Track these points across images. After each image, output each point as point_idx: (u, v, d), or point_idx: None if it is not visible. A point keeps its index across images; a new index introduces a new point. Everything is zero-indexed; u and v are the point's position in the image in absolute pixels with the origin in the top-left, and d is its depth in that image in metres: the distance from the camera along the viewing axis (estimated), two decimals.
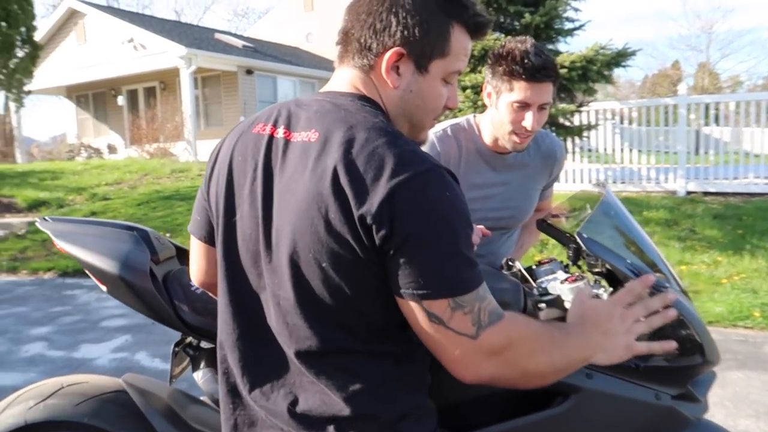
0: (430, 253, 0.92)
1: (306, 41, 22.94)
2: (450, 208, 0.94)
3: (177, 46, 14.99)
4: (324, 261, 0.95)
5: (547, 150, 1.92)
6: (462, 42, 1.07)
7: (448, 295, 0.93)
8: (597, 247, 1.39)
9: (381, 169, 0.92)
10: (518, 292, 1.49)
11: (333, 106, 1.03)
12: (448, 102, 1.12)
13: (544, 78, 1.65)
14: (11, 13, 10.37)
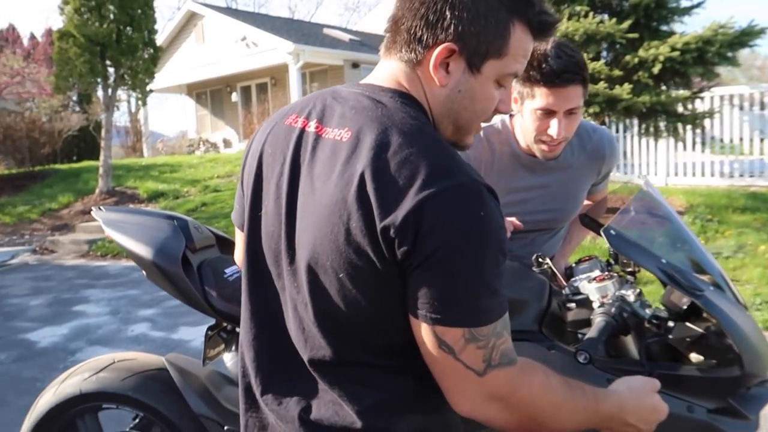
0: (452, 275, 0.85)
1: None
2: (482, 229, 0.85)
3: (285, 43, 15.59)
4: (341, 272, 0.90)
5: (594, 149, 1.79)
6: (523, 42, 0.97)
7: (464, 324, 0.86)
8: (624, 244, 1.29)
9: (412, 179, 0.85)
10: (542, 290, 1.43)
11: (371, 102, 0.96)
12: (499, 106, 1.02)
13: (566, 82, 1.52)
14: (135, 18, 11.23)
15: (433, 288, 0.86)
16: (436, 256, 0.84)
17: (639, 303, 1.29)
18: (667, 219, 1.46)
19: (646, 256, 1.31)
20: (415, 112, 0.95)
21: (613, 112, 6.02)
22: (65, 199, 11.88)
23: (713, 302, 1.26)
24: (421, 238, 0.84)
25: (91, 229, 10.17)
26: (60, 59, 11.15)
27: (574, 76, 1.52)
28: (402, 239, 0.85)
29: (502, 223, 0.90)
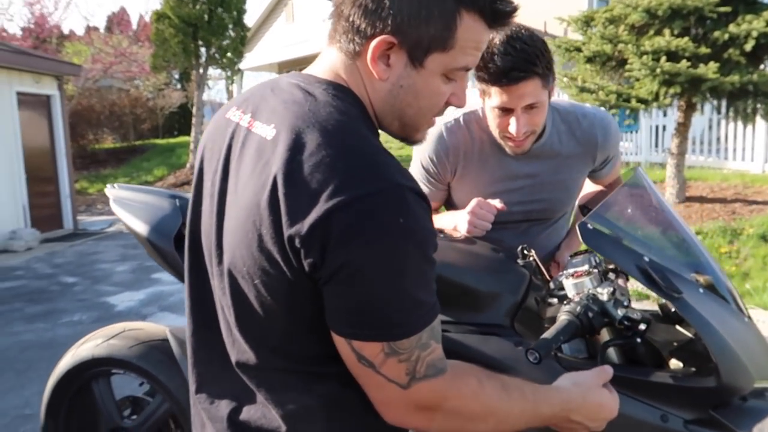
0: (366, 288, 0.79)
1: None
2: (400, 238, 0.79)
3: None
4: (256, 278, 0.86)
5: (584, 135, 1.67)
6: (473, 33, 0.89)
7: (382, 339, 0.81)
8: (600, 241, 1.21)
9: (324, 184, 0.79)
10: (519, 283, 1.37)
11: (303, 95, 0.90)
12: (451, 99, 0.95)
13: (515, 80, 1.42)
14: None
15: (346, 302, 0.82)
16: (345, 271, 0.79)
17: (612, 302, 1.21)
18: (659, 212, 1.36)
19: (625, 254, 1.22)
20: (347, 107, 0.89)
21: (696, 92, 5.58)
22: (159, 173, 12.66)
23: (691, 306, 1.16)
24: (329, 251, 0.79)
25: None
26: (157, 39, 11.81)
27: (523, 73, 1.42)
28: (308, 250, 0.80)
29: (429, 230, 0.84)
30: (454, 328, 1.33)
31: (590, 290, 1.24)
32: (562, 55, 6.48)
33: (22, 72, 8.42)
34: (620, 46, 5.96)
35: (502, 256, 1.44)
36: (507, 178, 1.67)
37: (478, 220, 1.50)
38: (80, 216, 10.51)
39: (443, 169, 1.68)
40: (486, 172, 1.67)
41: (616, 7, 6.09)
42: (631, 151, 9.50)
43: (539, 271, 1.46)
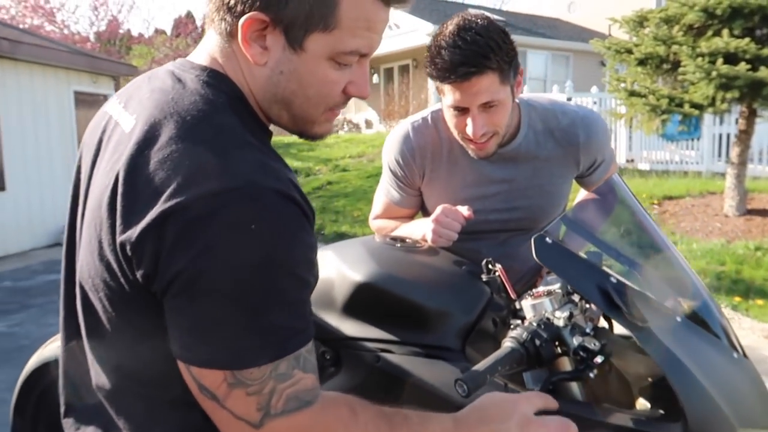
0: (204, 304, 0.69)
1: (568, 11, 21.85)
2: (250, 247, 0.68)
3: (426, 24, 15.51)
4: (100, 291, 0.78)
5: (564, 135, 1.51)
6: (362, 11, 0.78)
7: (222, 366, 0.70)
8: (555, 258, 1.05)
9: (166, 183, 0.69)
10: (475, 303, 1.22)
11: (172, 83, 0.81)
12: (348, 88, 0.84)
13: (466, 76, 1.28)
14: None
15: (182, 320, 0.70)
16: (180, 282, 0.68)
17: (569, 329, 1.05)
18: (639, 227, 1.18)
19: (586, 273, 1.06)
20: (215, 95, 0.79)
21: (756, 98, 5.18)
22: None
23: (654, 337, 0.98)
24: (163, 260, 0.68)
25: None
26: None
27: (474, 68, 1.27)
28: (139, 260, 0.70)
29: (295, 240, 0.72)
30: (398, 349, 1.19)
31: (546, 313, 1.08)
32: (612, 57, 6.17)
33: (80, 72, 8.75)
34: (674, 48, 5.61)
35: (461, 271, 1.29)
36: (480, 183, 1.53)
37: (442, 228, 1.37)
38: None
39: (410, 172, 1.56)
40: (457, 176, 1.53)
41: (671, 6, 5.73)
42: (693, 161, 9.00)
43: (504, 289, 1.30)
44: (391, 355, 1.19)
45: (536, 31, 18.45)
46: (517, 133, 1.50)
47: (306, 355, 0.75)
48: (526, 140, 1.50)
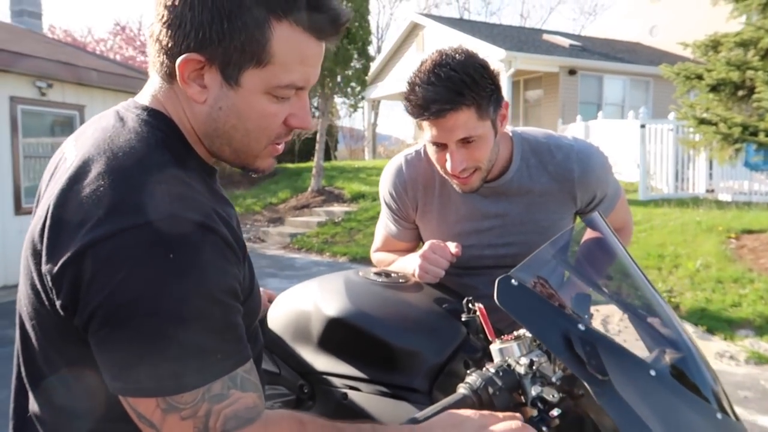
0: (126, 334, 0.70)
1: (650, 35, 21.18)
2: (170, 276, 0.70)
3: (498, 50, 15.42)
4: (32, 318, 0.80)
5: (558, 170, 1.46)
6: (295, 46, 0.81)
7: (150, 393, 0.72)
8: (515, 299, 1.00)
9: (88, 216, 0.72)
10: (446, 343, 1.19)
11: (114, 121, 0.85)
12: (291, 121, 0.87)
13: (441, 112, 1.26)
14: (350, 31, 12.09)
15: (108, 352, 0.72)
16: (102, 315, 0.70)
17: (530, 377, 1.00)
18: (621, 270, 1.11)
19: (551, 319, 1.00)
20: (150, 133, 0.82)
21: None
22: (284, 195, 13.29)
23: (612, 394, 0.91)
24: (83, 293, 0.71)
25: (297, 224, 11.22)
26: None
27: (448, 105, 1.25)
28: (58, 292, 0.73)
29: (215, 267, 0.74)
30: (365, 387, 1.18)
31: (509, 359, 1.04)
32: (683, 83, 5.89)
33: None
34: (749, 73, 5.30)
35: (439, 309, 1.26)
36: (473, 217, 1.50)
37: (429, 265, 1.35)
38: None
39: (404, 205, 1.55)
40: (449, 210, 1.51)
41: (747, 30, 5.43)
42: None
43: (482, 330, 1.25)
44: (357, 392, 1.17)
45: (614, 56, 17.94)
46: (509, 166, 1.46)
47: (244, 375, 0.76)
48: (519, 174, 1.47)
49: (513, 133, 1.50)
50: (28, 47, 7.93)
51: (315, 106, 21.29)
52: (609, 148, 12.39)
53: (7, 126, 7.08)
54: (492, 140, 1.36)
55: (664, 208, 8.27)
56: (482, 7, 49.16)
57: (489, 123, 1.33)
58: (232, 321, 0.77)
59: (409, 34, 20.04)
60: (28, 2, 11.08)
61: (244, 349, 0.78)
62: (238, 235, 0.82)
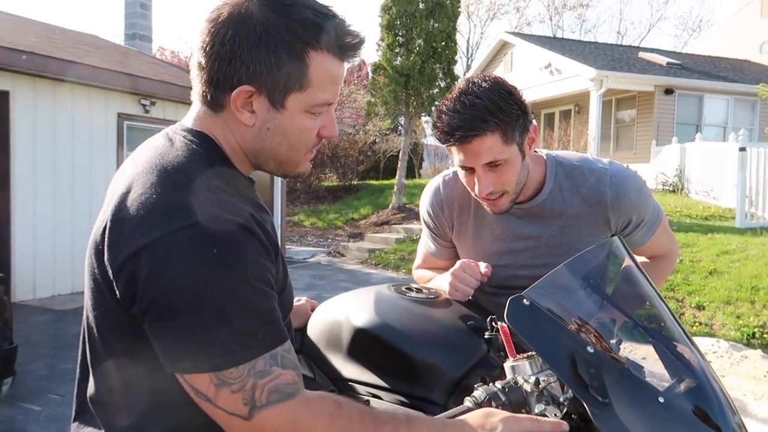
0: (181, 320, 0.82)
1: (759, 52, 19.94)
2: (214, 268, 0.81)
3: (588, 69, 15.05)
4: (95, 308, 0.92)
5: (591, 193, 1.48)
6: (327, 69, 0.94)
7: (206, 369, 0.83)
8: (525, 319, 1.03)
9: (143, 220, 0.84)
10: (465, 359, 1.23)
11: (164, 142, 0.97)
12: (322, 132, 1.01)
13: (466, 138, 1.32)
14: (436, 50, 12.22)
15: (166, 336, 0.84)
16: (158, 306, 0.82)
17: (537, 395, 1.02)
18: (639, 296, 1.11)
19: (559, 340, 1.02)
20: (195, 151, 0.94)
21: None
22: (365, 211, 13.53)
23: (612, 417, 0.92)
24: (140, 287, 0.82)
25: (375, 239, 11.39)
26: (372, 88, 12.80)
27: (472, 131, 1.31)
28: (118, 283, 0.85)
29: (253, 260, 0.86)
30: (386, 396, 1.24)
31: (519, 376, 1.06)
32: None
33: None
34: None
35: (463, 326, 1.30)
36: (508, 238, 1.54)
37: (459, 283, 1.40)
38: (290, 245, 11.69)
39: (440, 224, 1.62)
40: (484, 230, 1.56)
41: None
42: None
43: (503, 348, 1.28)
44: (379, 401, 1.23)
45: (716, 74, 17.02)
46: (542, 188, 1.50)
47: (283, 354, 0.87)
48: (551, 197, 1.49)
49: (547, 156, 1.53)
50: (136, 68, 8.62)
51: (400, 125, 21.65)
52: (706, 172, 11.75)
53: (114, 140, 7.73)
54: (519, 164, 1.40)
55: (763, 237, 7.74)
56: (577, 25, 48.05)
57: (515, 147, 1.37)
58: (270, 306, 0.88)
59: (497, 53, 19.96)
60: (141, 26, 12.05)
61: (282, 331, 0.89)
62: (272, 237, 0.93)
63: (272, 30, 0.90)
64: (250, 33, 0.90)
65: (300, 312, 1.59)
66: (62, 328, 5.72)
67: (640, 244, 1.57)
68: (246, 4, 0.91)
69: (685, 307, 5.93)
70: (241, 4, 0.92)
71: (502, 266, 1.51)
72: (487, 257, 1.50)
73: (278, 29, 0.90)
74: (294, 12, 0.91)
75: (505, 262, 1.53)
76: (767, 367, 4.49)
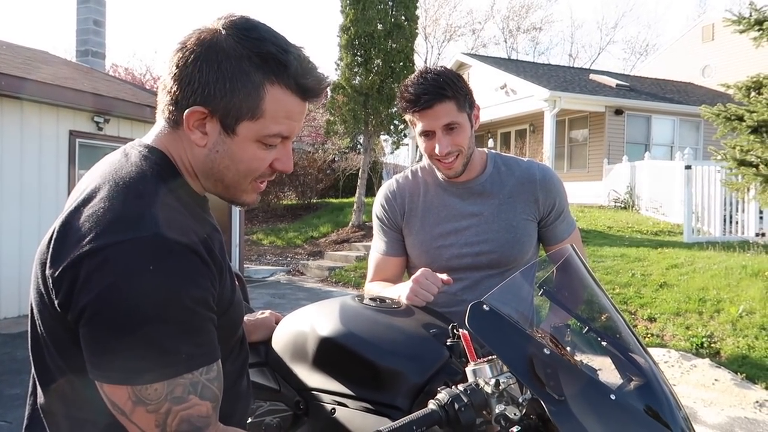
0: (105, 330, 0.83)
1: (702, 75, 20.88)
2: (146, 284, 0.83)
3: (541, 89, 15.49)
4: (37, 316, 0.94)
5: (524, 174, 1.77)
6: (283, 105, 0.97)
7: (124, 382, 0.84)
8: (485, 324, 1.07)
9: (88, 232, 0.86)
10: (428, 365, 1.26)
11: (120, 156, 1.01)
12: (275, 164, 1.03)
13: (429, 103, 1.59)
14: (395, 70, 12.40)
15: (93, 344, 0.85)
16: (88, 313, 0.83)
17: (497, 396, 1.06)
18: (590, 299, 1.17)
19: (519, 342, 1.06)
20: (148, 167, 0.97)
21: None
22: (325, 229, 13.51)
23: (568, 414, 0.97)
24: (75, 294, 0.84)
25: (336, 257, 11.38)
26: (332, 107, 12.87)
27: (435, 96, 1.57)
28: (57, 291, 0.86)
29: (188, 280, 0.87)
30: (352, 403, 1.26)
31: (480, 379, 1.10)
32: (723, 125, 5.83)
33: None
34: None
35: (425, 333, 1.33)
36: (453, 218, 1.75)
37: (420, 289, 1.47)
38: (249, 264, 11.55)
39: (393, 212, 1.81)
40: (431, 212, 1.77)
41: None
42: None
43: (465, 354, 1.32)
44: (345, 408, 1.25)
45: (663, 96, 17.74)
46: (483, 171, 1.76)
47: (205, 382, 0.87)
48: (491, 177, 1.76)
49: (487, 151, 1.83)
50: (89, 85, 8.46)
51: (359, 143, 21.81)
52: (655, 189, 12.20)
53: (65, 158, 7.54)
54: (469, 130, 1.66)
55: (709, 252, 8.05)
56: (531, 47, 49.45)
57: (466, 116, 1.64)
58: (201, 327, 0.89)
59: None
60: (93, 43, 11.84)
61: (211, 353, 0.89)
62: (216, 256, 0.95)
63: (233, 59, 0.94)
64: (211, 58, 0.94)
65: (264, 325, 1.60)
66: (8, 352, 5.52)
67: (560, 239, 1.78)
68: (215, 33, 0.96)
69: (637, 319, 6.12)
70: (211, 32, 0.96)
71: (447, 246, 1.73)
72: (434, 238, 1.74)
73: (239, 59, 0.94)
74: (258, 45, 0.95)
75: (450, 241, 1.73)
76: (715, 375, 4.67)
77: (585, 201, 13.96)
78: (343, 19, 12.38)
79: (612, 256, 8.12)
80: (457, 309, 1.56)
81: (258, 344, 1.55)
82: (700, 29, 21.10)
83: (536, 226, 1.78)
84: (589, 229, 10.46)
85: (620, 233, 10.29)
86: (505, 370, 1.10)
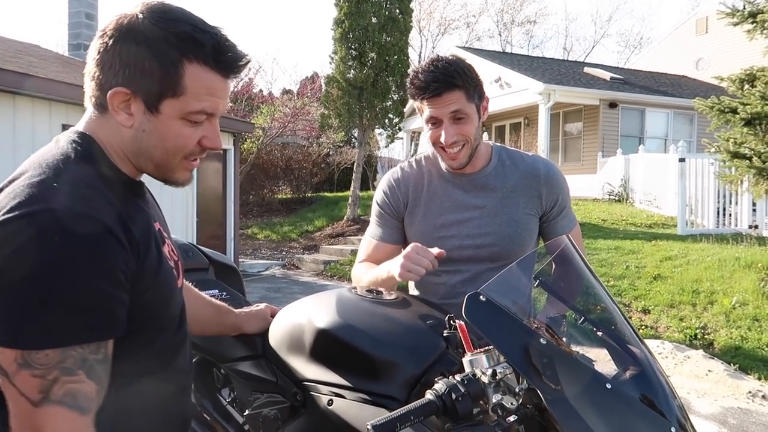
0: (5, 296, 0.86)
1: (695, 68, 20.93)
2: (46, 254, 0.86)
3: (536, 83, 15.49)
4: None
5: (528, 168, 1.76)
6: (203, 81, 1.00)
7: (12, 345, 0.86)
8: (483, 314, 1.08)
9: (4, 203, 0.90)
10: (425, 355, 1.26)
11: (53, 144, 1.04)
12: (204, 142, 1.05)
13: (438, 91, 1.57)
14: (389, 64, 12.37)
15: None
16: None
17: (494, 386, 1.07)
18: (587, 290, 1.17)
19: (516, 333, 1.07)
20: (74, 151, 1.00)
21: None
22: (320, 223, 13.51)
23: (565, 403, 0.98)
24: None
25: (331, 251, 11.38)
26: (326, 101, 12.84)
27: (444, 84, 1.56)
28: None
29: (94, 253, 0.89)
30: (349, 394, 1.26)
31: (477, 369, 1.11)
32: (717, 117, 5.85)
33: None
34: None
35: (421, 324, 1.34)
36: (456, 210, 1.74)
37: (411, 264, 1.47)
38: (244, 258, 11.55)
39: (395, 201, 1.79)
40: (435, 203, 1.75)
41: None
42: None
43: (462, 345, 1.33)
44: (342, 399, 1.26)
45: (657, 89, 17.77)
46: (488, 164, 1.75)
47: (94, 363, 0.89)
48: (495, 171, 1.75)
49: (492, 144, 1.81)
50: (82, 79, 8.39)
51: (353, 137, 21.79)
52: (649, 182, 12.23)
53: None
54: (477, 121, 1.64)
55: (702, 244, 8.09)
56: (525, 41, 49.36)
57: (474, 107, 1.62)
58: (100, 302, 0.90)
59: None
60: (86, 37, 11.76)
61: (98, 329, 0.90)
62: (134, 235, 0.97)
63: (150, 40, 0.98)
64: (129, 40, 0.98)
65: (260, 317, 1.60)
66: None
67: (561, 233, 1.73)
68: (132, 17, 1.00)
69: (631, 311, 6.15)
70: (129, 16, 1.00)
71: (449, 237, 1.71)
72: (436, 228, 1.73)
73: (157, 40, 0.98)
74: (174, 26, 0.99)
75: (452, 233, 1.72)
76: (708, 366, 4.70)
77: (579, 194, 13.99)
78: (337, 12, 12.35)
79: (606, 248, 8.15)
80: (457, 301, 1.54)
81: (255, 336, 1.56)
82: (694, 22, 21.13)
83: (538, 221, 1.77)
84: (584, 222, 10.49)
85: (614, 226, 10.32)
86: (502, 361, 1.11)
